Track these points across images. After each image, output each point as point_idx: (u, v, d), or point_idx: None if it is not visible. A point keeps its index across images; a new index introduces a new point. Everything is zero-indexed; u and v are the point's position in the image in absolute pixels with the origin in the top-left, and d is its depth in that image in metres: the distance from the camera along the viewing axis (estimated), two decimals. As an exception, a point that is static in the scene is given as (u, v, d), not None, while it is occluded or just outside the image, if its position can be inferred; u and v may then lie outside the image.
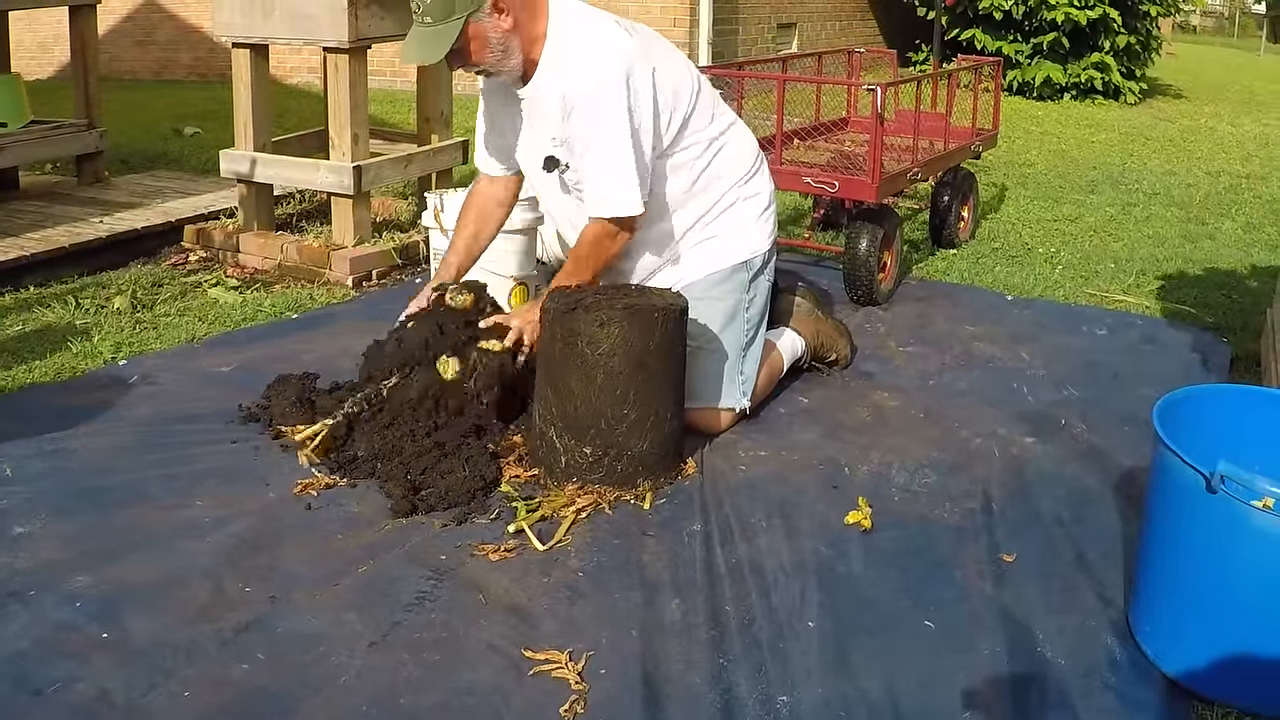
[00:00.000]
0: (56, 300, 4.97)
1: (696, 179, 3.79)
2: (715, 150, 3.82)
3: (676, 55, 3.80)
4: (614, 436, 3.34)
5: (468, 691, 2.50)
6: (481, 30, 3.46)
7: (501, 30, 3.48)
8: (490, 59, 3.54)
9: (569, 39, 3.55)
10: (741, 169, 3.90)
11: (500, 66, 3.57)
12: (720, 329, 3.80)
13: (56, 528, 3.11)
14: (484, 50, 3.50)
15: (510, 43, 3.51)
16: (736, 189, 3.89)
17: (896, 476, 3.56)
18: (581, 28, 3.57)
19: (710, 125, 3.80)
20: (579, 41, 3.54)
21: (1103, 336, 4.91)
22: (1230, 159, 9.90)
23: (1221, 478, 2.39)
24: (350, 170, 5.41)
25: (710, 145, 3.80)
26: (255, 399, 3.88)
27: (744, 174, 3.90)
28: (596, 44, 3.53)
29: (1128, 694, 2.57)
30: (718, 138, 3.83)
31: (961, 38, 13.97)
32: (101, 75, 6.86)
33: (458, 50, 3.48)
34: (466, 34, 3.45)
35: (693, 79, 3.77)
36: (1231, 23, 43.58)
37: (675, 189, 3.77)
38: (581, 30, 3.56)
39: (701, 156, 3.78)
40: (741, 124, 4.02)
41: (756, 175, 3.96)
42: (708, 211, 3.85)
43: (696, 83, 3.78)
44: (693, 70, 3.83)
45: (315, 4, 5.27)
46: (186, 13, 13.79)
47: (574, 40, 3.55)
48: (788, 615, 2.81)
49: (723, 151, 3.84)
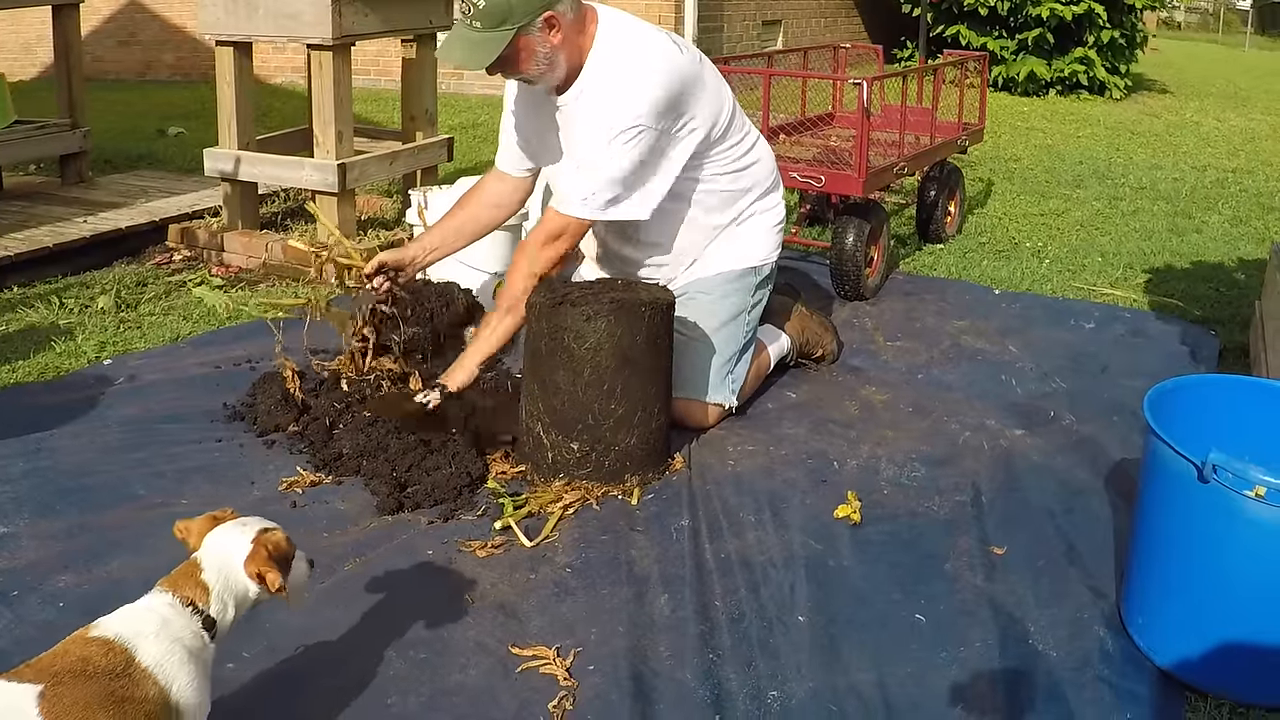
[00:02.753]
0: (40, 300, 4.94)
1: (722, 196, 3.83)
2: (741, 169, 3.84)
3: (718, 76, 3.78)
4: (601, 432, 3.33)
5: (455, 690, 2.48)
6: (530, 43, 3.41)
7: (550, 44, 3.43)
8: (534, 71, 3.48)
9: (619, 53, 3.51)
10: (762, 185, 3.93)
11: (543, 78, 3.53)
12: (720, 326, 3.80)
13: (41, 527, 3.09)
14: (529, 62, 3.45)
15: (556, 56, 3.46)
16: (756, 203, 3.92)
17: (885, 470, 3.55)
18: (633, 43, 3.53)
19: (738, 145, 3.81)
20: (628, 57, 3.49)
21: (1090, 330, 4.91)
22: (1216, 153, 9.91)
23: (1213, 467, 2.38)
24: (335, 168, 5.38)
25: (737, 164, 3.82)
26: (240, 398, 3.87)
27: (764, 189, 3.94)
28: (643, 62, 3.48)
29: (1120, 686, 2.56)
30: (744, 156, 3.84)
31: (947, 34, 13.97)
32: (85, 75, 6.82)
33: (503, 58, 3.42)
34: (516, 44, 3.40)
35: (729, 101, 3.77)
36: (1216, 19, 43.67)
37: (701, 205, 3.80)
38: (633, 46, 3.52)
39: (728, 175, 3.81)
40: (762, 139, 4.02)
41: (774, 190, 4.00)
42: (728, 224, 3.89)
43: (731, 104, 3.78)
44: (725, 87, 3.81)
45: (299, 1, 5.24)
46: (170, 13, 13.75)
47: (624, 56, 3.50)
48: (777, 609, 2.79)
49: (748, 170, 3.86)
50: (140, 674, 1.87)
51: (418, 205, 4.70)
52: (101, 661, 1.85)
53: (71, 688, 1.79)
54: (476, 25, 3.36)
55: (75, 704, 1.78)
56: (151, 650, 1.90)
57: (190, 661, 1.95)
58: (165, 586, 2.05)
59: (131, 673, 1.86)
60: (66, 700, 1.77)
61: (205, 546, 2.10)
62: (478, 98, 11.68)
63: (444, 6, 5.88)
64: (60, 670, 1.82)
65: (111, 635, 1.90)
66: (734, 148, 3.80)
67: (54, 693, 1.77)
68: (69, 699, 1.78)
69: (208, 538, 2.11)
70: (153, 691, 1.87)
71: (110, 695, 1.81)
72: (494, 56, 3.38)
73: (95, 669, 1.84)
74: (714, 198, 3.81)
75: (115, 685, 1.83)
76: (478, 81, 12.10)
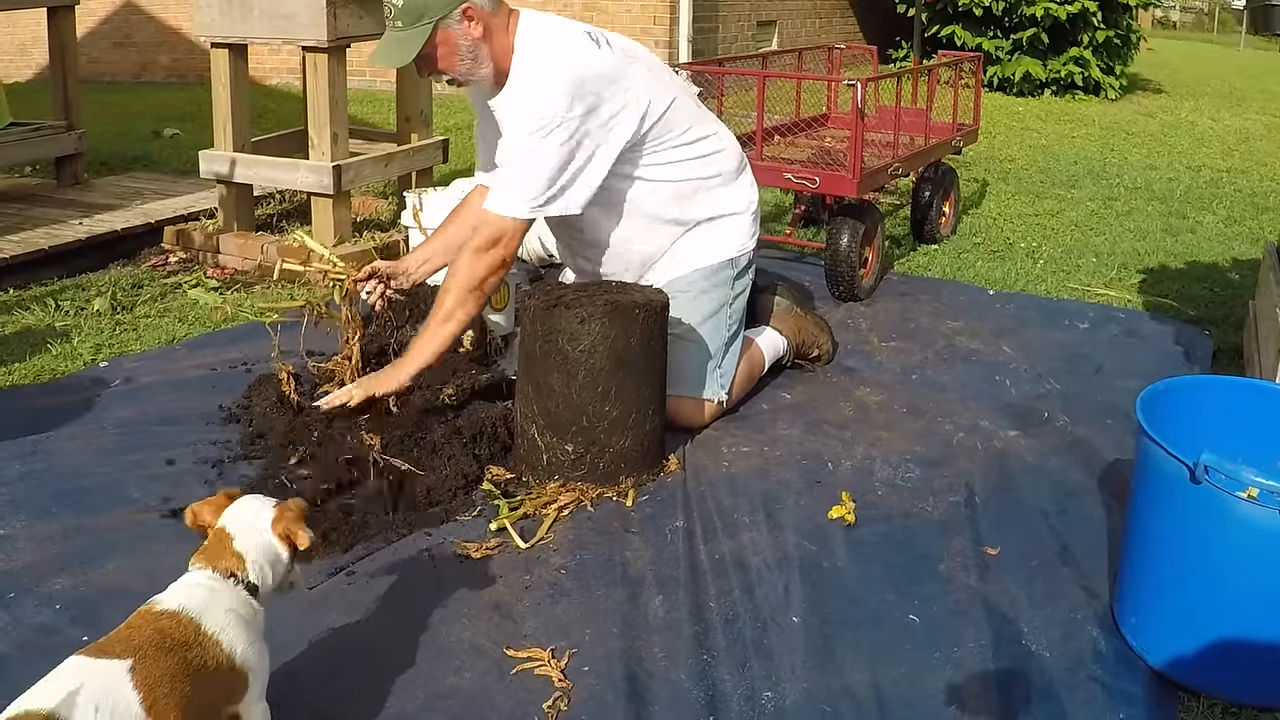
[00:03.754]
0: (36, 302, 4.95)
1: (677, 189, 3.79)
2: (697, 157, 3.81)
3: (654, 68, 3.76)
4: (596, 433, 3.33)
5: (450, 692, 2.49)
6: (451, 37, 3.45)
7: (472, 38, 3.47)
8: (461, 67, 3.52)
9: (533, 50, 3.53)
10: (725, 175, 3.90)
11: (470, 75, 3.56)
12: (702, 322, 3.80)
13: (37, 530, 3.09)
14: (453, 57, 3.49)
15: (480, 51, 3.50)
16: (721, 194, 3.89)
17: (880, 471, 3.56)
18: (547, 39, 3.54)
19: (685, 134, 3.77)
20: (541, 52, 3.52)
21: (1085, 330, 4.92)
22: (1211, 153, 9.92)
23: (1205, 468, 2.38)
24: (330, 170, 5.39)
25: (691, 155, 3.79)
26: (236, 400, 3.88)
27: (727, 180, 3.90)
28: (555, 55, 3.50)
29: (1113, 686, 2.57)
30: (696, 144, 3.81)
31: (941, 34, 13.98)
32: (80, 77, 6.82)
33: (426, 56, 3.48)
34: (435, 40, 3.44)
35: (667, 92, 3.72)
36: (1211, 18, 43.68)
37: (657, 200, 3.77)
38: (546, 41, 3.54)
39: (683, 166, 3.77)
40: (724, 129, 4.01)
41: (740, 179, 3.96)
42: (694, 218, 3.86)
43: (671, 94, 3.73)
44: (670, 81, 3.80)
45: (294, 3, 5.25)
46: (165, 14, 13.74)
47: (537, 51, 3.52)
48: (771, 610, 2.80)
49: (704, 160, 3.83)
50: (210, 642, 1.98)
51: (413, 207, 4.70)
52: (176, 634, 1.95)
53: (157, 660, 1.89)
54: (399, 25, 3.44)
55: (164, 675, 1.88)
56: (213, 619, 2.01)
57: (246, 627, 2.06)
58: (201, 563, 2.12)
59: (203, 641, 1.97)
60: (156, 672, 1.87)
61: (227, 519, 2.17)
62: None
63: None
64: (142, 644, 1.91)
65: (176, 607, 2.00)
66: (683, 140, 3.76)
67: (143, 666, 1.87)
68: (158, 671, 1.87)
69: (227, 512, 2.19)
70: (223, 658, 1.99)
71: (190, 664, 1.93)
72: (415, 51, 3.44)
73: (173, 641, 1.94)
74: (667, 192, 3.77)
75: (191, 655, 1.94)
76: (473, 82, 12.09)
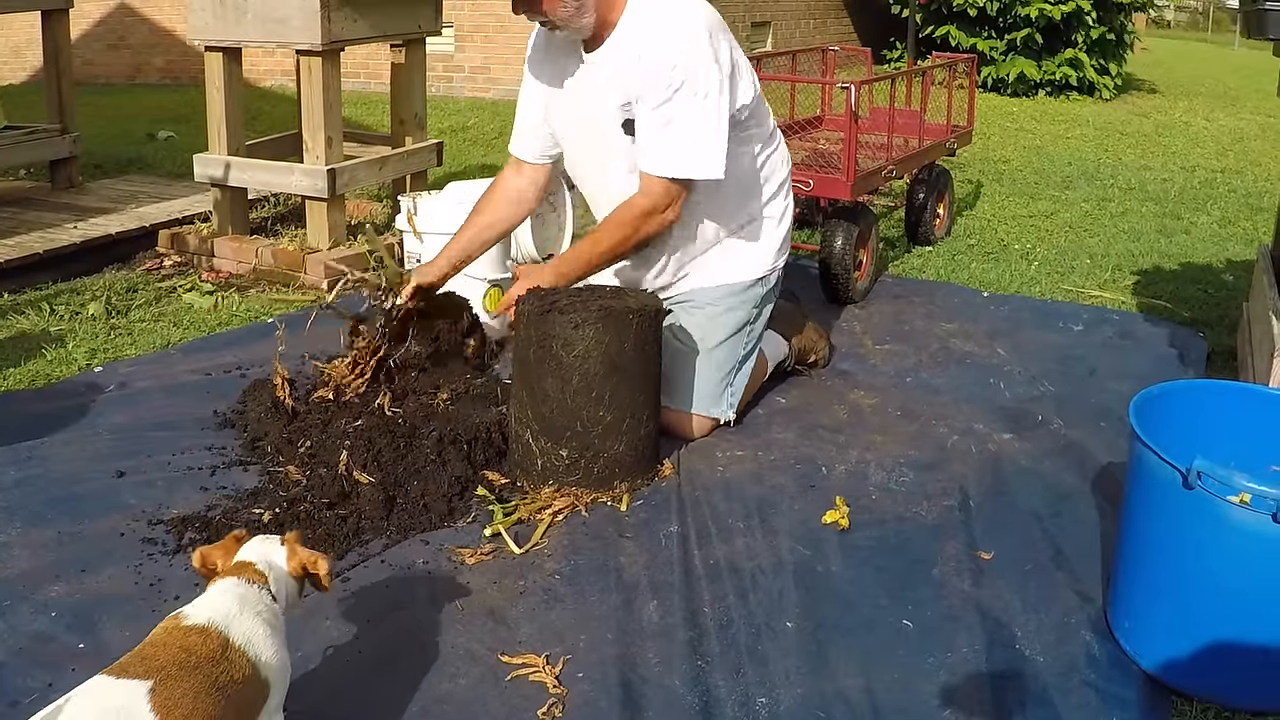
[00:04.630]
0: (31, 307, 4.95)
1: (744, 176, 3.73)
2: (765, 151, 3.79)
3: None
4: (590, 439, 3.34)
5: (445, 698, 2.49)
6: None
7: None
8: (563, 11, 3.41)
9: (652, 4, 3.48)
10: (777, 181, 3.87)
11: (571, 21, 3.45)
12: (722, 340, 3.77)
13: (32, 536, 3.09)
14: (557, 2, 3.40)
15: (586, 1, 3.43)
16: (769, 201, 3.85)
17: (874, 475, 3.56)
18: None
19: (763, 125, 3.77)
20: (662, 6, 3.47)
21: (1079, 332, 4.92)
22: (1205, 154, 9.94)
23: (1198, 474, 2.39)
24: (324, 173, 5.39)
25: (762, 143, 3.77)
26: (231, 405, 3.88)
27: (777, 188, 3.87)
28: (680, 8, 3.46)
29: (1107, 690, 2.57)
30: (768, 138, 3.80)
31: (936, 35, 14.00)
32: (75, 79, 6.82)
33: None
34: None
35: (751, 69, 3.71)
36: (1205, 17, 43.74)
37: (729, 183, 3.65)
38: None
39: (752, 152, 3.74)
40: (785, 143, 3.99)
41: (787, 193, 3.93)
42: (739, 220, 3.80)
43: (755, 77, 3.73)
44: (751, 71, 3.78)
45: (288, 7, 5.25)
46: (159, 16, 13.74)
47: (657, 5, 3.48)
48: (766, 616, 2.80)
49: (770, 155, 3.82)
50: (236, 655, 1.96)
51: (407, 210, 4.70)
52: (202, 649, 1.93)
53: (179, 680, 1.86)
54: None
55: (185, 695, 1.84)
56: (240, 629, 2.00)
57: (271, 634, 2.06)
58: (228, 574, 2.12)
59: (229, 655, 1.95)
60: (176, 693, 1.84)
61: (243, 557, 2.17)
62: (467, 101, 11.70)
63: (433, 11, 5.89)
64: (165, 663, 1.88)
65: (205, 621, 1.98)
66: (761, 125, 3.75)
67: (163, 687, 1.83)
68: (178, 691, 1.84)
69: (240, 552, 2.19)
70: (248, 670, 1.97)
71: (214, 682, 1.90)
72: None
73: (198, 658, 1.91)
74: (752, 169, 3.73)
75: (217, 671, 1.91)
76: (467, 85, 12.11)
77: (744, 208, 3.79)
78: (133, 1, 13.82)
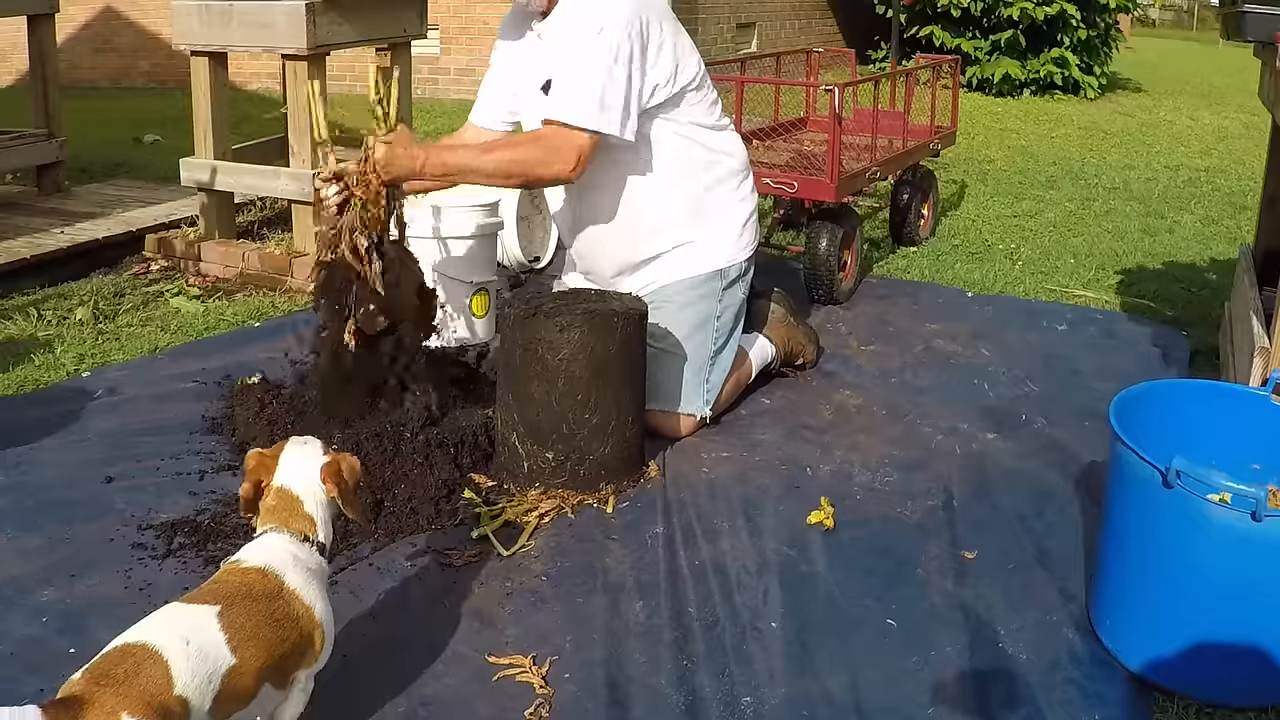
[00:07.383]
0: (18, 312, 4.94)
1: (686, 158, 3.78)
2: (708, 138, 3.82)
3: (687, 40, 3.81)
4: (576, 441, 3.35)
5: (432, 699, 2.50)
6: None
7: None
8: None
9: None
10: (730, 169, 3.89)
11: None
12: (687, 335, 3.79)
13: (22, 542, 3.10)
14: None
15: None
16: (723, 188, 3.88)
17: (858, 475, 3.58)
18: None
19: (707, 113, 3.81)
20: None
21: (1063, 332, 4.95)
22: (1189, 153, 9.99)
23: (1177, 473, 2.41)
24: (311, 177, 5.38)
25: (705, 130, 3.81)
26: (219, 408, 3.89)
27: (731, 175, 3.90)
28: None
29: (1089, 688, 2.59)
30: (712, 126, 3.83)
31: (920, 35, 14.03)
32: (61, 83, 6.82)
33: None
34: None
35: (696, 65, 3.77)
36: (1190, 16, 43.84)
37: (664, 163, 3.74)
38: None
39: (693, 135, 3.78)
40: (736, 134, 4.04)
41: (744, 182, 3.96)
42: (692, 207, 3.83)
43: (701, 67, 3.79)
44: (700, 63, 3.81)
45: (273, 12, 5.25)
46: (145, 19, 13.71)
47: None
48: (751, 616, 2.82)
49: (716, 141, 3.85)
50: (291, 595, 2.14)
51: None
52: (261, 587, 2.12)
53: (243, 606, 2.06)
54: None
55: (249, 621, 2.04)
56: (295, 577, 2.17)
57: (320, 586, 2.23)
58: (276, 525, 2.25)
59: (285, 594, 2.13)
60: (240, 617, 2.03)
61: (283, 476, 2.31)
62: (453, 103, 11.69)
63: (417, 15, 5.89)
64: (230, 594, 2.08)
65: (262, 564, 2.16)
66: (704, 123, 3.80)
67: (230, 611, 2.03)
68: (243, 616, 2.04)
69: (281, 465, 2.32)
70: (302, 612, 2.15)
71: (273, 615, 2.09)
72: None
73: (258, 592, 2.10)
74: (691, 153, 3.78)
75: (274, 607, 2.10)
76: (453, 87, 12.11)
77: (692, 198, 3.83)
78: (118, 5, 13.78)
